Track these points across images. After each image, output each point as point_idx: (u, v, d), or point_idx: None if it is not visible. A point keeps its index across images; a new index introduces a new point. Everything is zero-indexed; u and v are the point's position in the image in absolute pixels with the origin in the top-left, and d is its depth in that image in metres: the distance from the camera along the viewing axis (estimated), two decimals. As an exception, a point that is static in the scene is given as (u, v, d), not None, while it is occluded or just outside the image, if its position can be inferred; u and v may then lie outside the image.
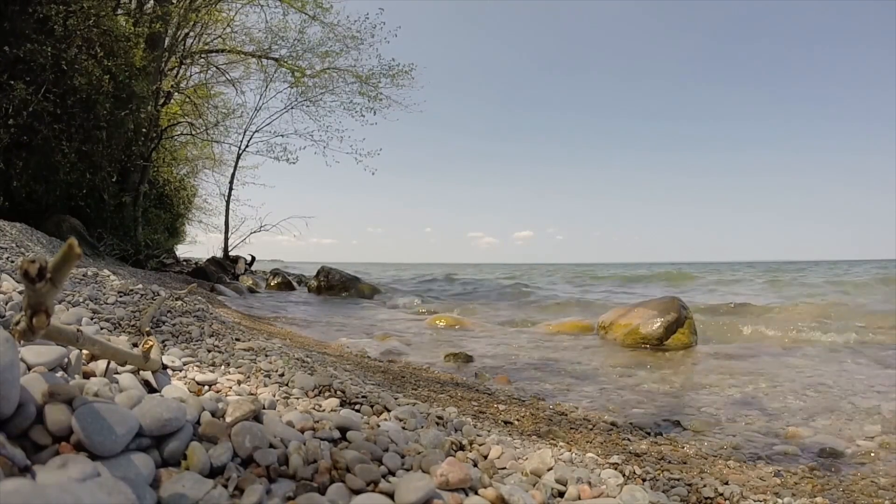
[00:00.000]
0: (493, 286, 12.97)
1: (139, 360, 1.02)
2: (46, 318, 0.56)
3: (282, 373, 1.44)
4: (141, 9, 9.70)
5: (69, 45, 6.67)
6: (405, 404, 1.45)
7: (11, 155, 6.43)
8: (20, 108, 6.11)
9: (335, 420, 0.98)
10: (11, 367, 0.58)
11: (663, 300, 4.70)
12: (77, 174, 7.19)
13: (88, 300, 1.85)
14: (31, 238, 4.84)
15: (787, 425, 2.23)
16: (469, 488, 0.82)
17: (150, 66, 9.09)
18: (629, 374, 3.21)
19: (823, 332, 4.75)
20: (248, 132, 13.30)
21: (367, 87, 12.54)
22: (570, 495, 0.98)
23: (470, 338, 4.74)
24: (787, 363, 3.51)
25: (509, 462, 1.15)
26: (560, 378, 3.12)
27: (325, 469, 0.74)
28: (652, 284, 14.22)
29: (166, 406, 0.70)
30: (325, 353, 2.95)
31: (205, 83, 12.88)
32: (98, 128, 7.20)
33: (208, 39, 11.94)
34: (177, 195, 15.36)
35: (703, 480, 1.39)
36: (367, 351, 3.62)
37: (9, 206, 6.64)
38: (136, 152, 9.34)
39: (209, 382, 1.22)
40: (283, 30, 11.84)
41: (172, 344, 1.62)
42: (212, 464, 0.68)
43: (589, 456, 1.38)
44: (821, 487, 1.53)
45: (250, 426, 0.76)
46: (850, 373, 3.18)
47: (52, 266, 0.51)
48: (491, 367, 3.39)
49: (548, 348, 4.14)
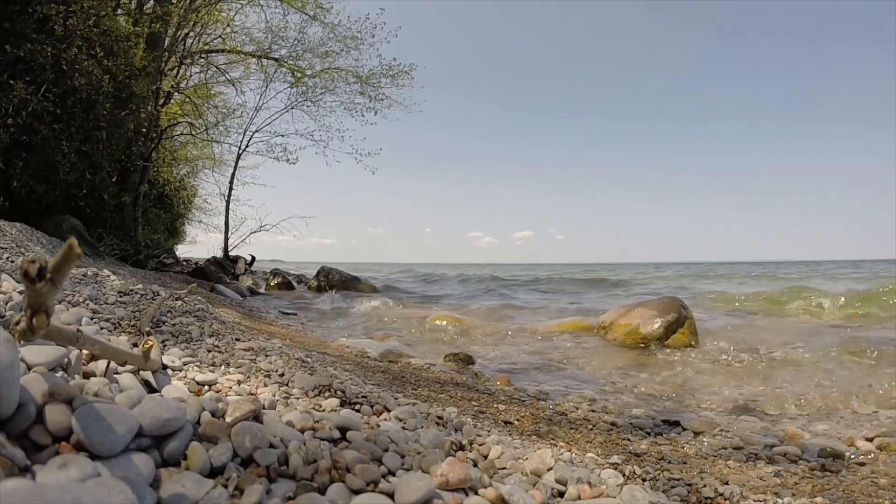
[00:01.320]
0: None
1: (139, 360, 1.02)
2: (46, 318, 0.56)
3: (282, 373, 1.44)
4: (141, 9, 9.69)
5: (69, 45, 6.66)
6: (405, 404, 1.45)
7: (11, 155, 6.42)
8: (20, 108, 6.11)
9: (335, 420, 0.98)
10: (11, 367, 0.58)
11: (663, 300, 4.70)
12: (77, 174, 7.19)
13: (88, 300, 1.85)
14: (31, 238, 4.84)
15: (786, 425, 2.23)
16: (469, 488, 0.82)
17: (150, 66, 9.08)
18: (629, 375, 3.21)
19: (823, 331, 4.74)
20: (248, 132, 13.29)
21: (367, 87, 12.54)
22: (570, 495, 0.98)
23: (470, 337, 4.73)
24: (787, 363, 3.51)
25: (509, 462, 1.15)
26: (560, 378, 3.12)
27: (325, 469, 0.74)
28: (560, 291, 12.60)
29: (166, 406, 0.70)
30: (325, 353, 2.95)
31: (205, 83, 12.86)
32: (98, 128, 7.19)
33: (208, 39, 11.92)
34: (177, 195, 15.36)
35: (703, 480, 1.39)
36: (367, 351, 3.62)
37: (9, 206, 6.64)
38: (136, 152, 9.34)
39: (209, 382, 1.22)
40: (283, 30, 11.83)
41: (172, 344, 1.62)
42: (212, 464, 0.68)
43: (589, 456, 1.38)
44: (821, 487, 1.53)
45: (250, 426, 0.76)
46: (849, 373, 3.18)
47: (52, 266, 0.51)
48: (491, 367, 3.39)
49: (548, 348, 4.14)
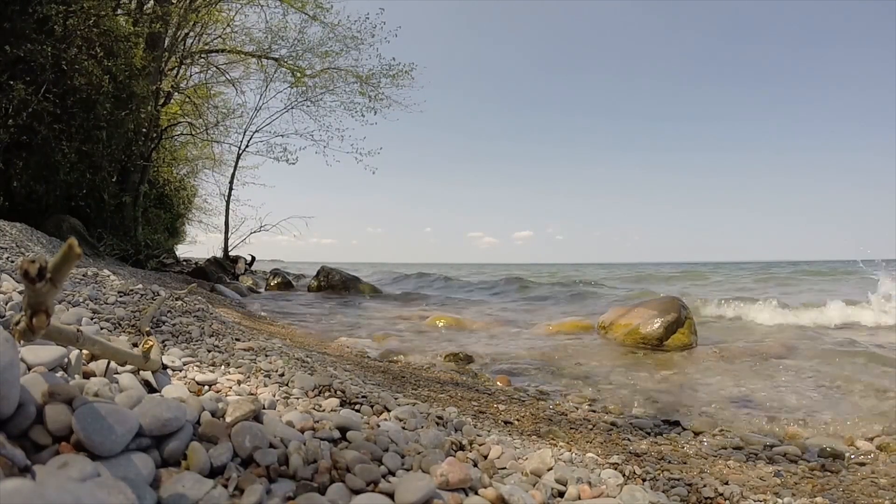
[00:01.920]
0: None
1: (139, 360, 1.02)
2: (46, 318, 0.56)
3: (282, 373, 1.44)
4: (141, 9, 9.69)
5: (69, 45, 6.66)
6: (405, 404, 1.45)
7: (11, 155, 6.43)
8: (20, 108, 6.11)
9: (335, 420, 0.98)
10: (11, 367, 0.58)
11: (663, 300, 4.70)
12: (77, 174, 7.19)
13: (88, 300, 1.85)
14: (31, 238, 4.84)
15: (786, 425, 2.23)
16: (469, 488, 0.82)
17: (150, 66, 9.08)
18: (629, 374, 3.21)
19: (823, 331, 4.75)
20: (248, 132, 13.29)
21: (367, 87, 12.54)
22: (570, 495, 0.98)
23: (470, 337, 4.73)
24: (787, 363, 3.51)
25: (509, 462, 1.15)
26: (560, 378, 3.12)
27: (325, 469, 0.74)
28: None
29: (166, 406, 0.70)
30: (325, 353, 2.95)
31: (205, 83, 12.86)
32: (98, 128, 7.20)
33: (208, 39, 11.92)
34: (177, 195, 15.37)
35: (703, 480, 1.39)
36: (367, 351, 3.62)
37: (9, 206, 6.64)
38: (136, 152, 9.34)
39: (209, 382, 1.22)
40: (283, 30, 11.83)
41: (172, 344, 1.62)
42: (212, 464, 0.68)
43: (589, 456, 1.38)
44: (821, 487, 1.53)
45: (250, 426, 0.76)
46: (849, 372, 3.18)
47: (52, 266, 0.51)
48: (491, 366, 3.39)
49: (548, 348, 4.14)
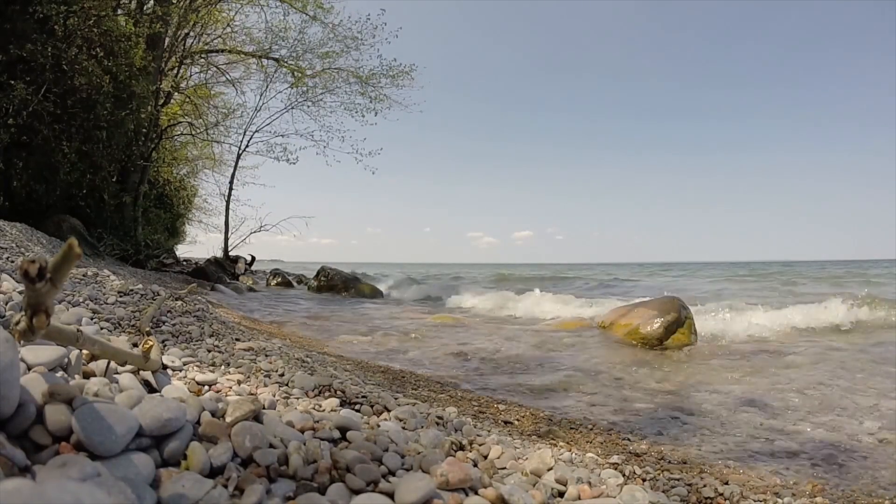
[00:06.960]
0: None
1: (139, 360, 1.02)
2: (46, 318, 0.56)
3: (282, 373, 1.45)
4: (141, 9, 9.69)
5: (69, 45, 6.66)
6: (405, 404, 1.45)
7: (11, 155, 6.43)
8: (20, 108, 6.11)
9: (335, 420, 0.98)
10: (11, 367, 0.58)
11: (663, 300, 4.70)
12: (77, 174, 7.19)
13: (88, 300, 1.85)
14: (31, 238, 4.84)
15: (786, 425, 2.23)
16: (469, 488, 0.82)
17: (150, 66, 9.08)
18: (629, 374, 3.21)
19: (823, 331, 4.75)
20: (248, 132, 13.28)
21: (367, 87, 12.54)
22: (570, 495, 0.98)
23: (470, 337, 4.73)
24: (787, 363, 3.51)
25: (509, 462, 1.15)
26: (560, 377, 3.11)
27: (325, 469, 0.74)
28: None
29: (166, 406, 0.70)
30: (325, 353, 2.95)
31: (205, 83, 12.87)
32: (98, 128, 7.20)
33: (208, 39, 11.93)
34: (177, 195, 15.36)
35: (703, 480, 1.39)
36: (367, 351, 3.62)
37: (9, 206, 6.64)
38: (136, 152, 9.34)
39: (209, 382, 1.22)
40: (284, 30, 11.83)
41: (172, 344, 1.62)
42: (212, 464, 0.68)
43: (589, 456, 1.38)
44: (821, 487, 1.53)
45: (250, 426, 0.76)
46: (849, 372, 3.18)
47: (52, 266, 0.51)
48: (491, 366, 3.39)
49: (548, 348, 4.14)
